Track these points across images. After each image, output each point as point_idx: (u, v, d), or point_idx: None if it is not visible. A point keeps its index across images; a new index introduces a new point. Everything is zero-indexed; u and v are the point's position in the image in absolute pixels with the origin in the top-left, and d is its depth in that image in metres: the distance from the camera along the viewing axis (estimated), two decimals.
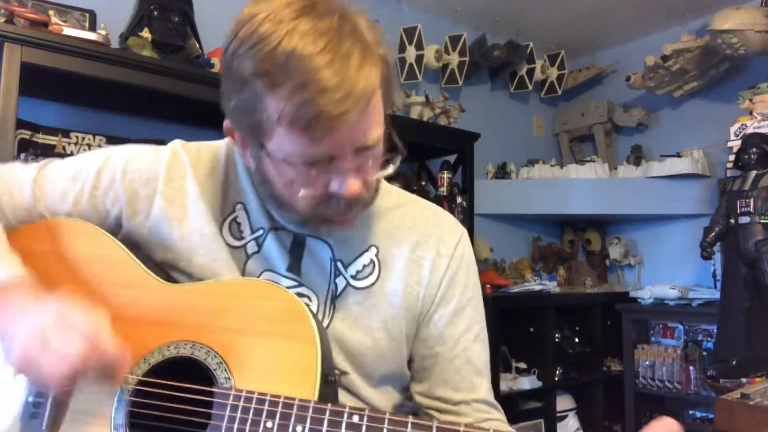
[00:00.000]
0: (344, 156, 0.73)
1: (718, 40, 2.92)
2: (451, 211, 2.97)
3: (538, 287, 3.29)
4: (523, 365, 3.20)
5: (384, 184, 0.92)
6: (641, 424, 3.09)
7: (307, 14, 0.70)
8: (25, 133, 2.04)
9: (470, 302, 0.93)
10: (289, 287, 0.84)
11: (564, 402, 3.31)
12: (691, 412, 3.29)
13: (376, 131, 0.75)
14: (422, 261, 0.90)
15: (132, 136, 2.25)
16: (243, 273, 0.86)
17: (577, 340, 3.43)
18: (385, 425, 0.64)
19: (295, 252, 0.87)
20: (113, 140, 2.21)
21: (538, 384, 3.13)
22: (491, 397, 0.93)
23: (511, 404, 3.07)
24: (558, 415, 3.23)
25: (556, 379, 3.25)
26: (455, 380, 0.90)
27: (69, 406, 0.77)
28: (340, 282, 0.87)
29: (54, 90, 2.15)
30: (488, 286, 3.13)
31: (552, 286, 3.38)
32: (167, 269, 0.87)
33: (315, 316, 0.75)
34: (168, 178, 0.88)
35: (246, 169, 0.89)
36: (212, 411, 0.71)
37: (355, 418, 0.66)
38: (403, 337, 0.89)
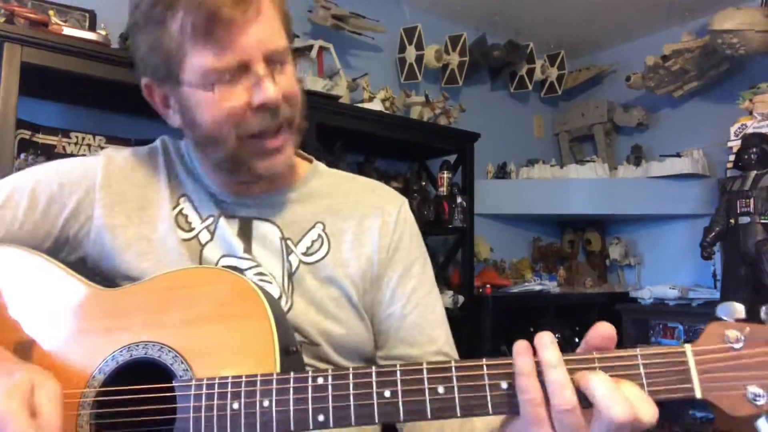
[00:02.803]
0: (255, 61, 0.77)
1: (718, 40, 2.92)
2: (451, 211, 2.97)
3: (538, 287, 3.29)
4: None
5: (321, 166, 0.98)
6: None
7: None
8: (25, 133, 2.04)
9: (417, 260, 0.95)
10: (248, 268, 0.86)
11: None
12: (691, 412, 3.29)
13: (280, 39, 0.80)
14: (370, 231, 0.92)
15: (132, 136, 2.25)
16: (200, 263, 0.86)
17: (577, 340, 3.43)
18: (350, 380, 0.64)
19: (244, 235, 0.88)
20: (113, 140, 2.21)
21: None
22: (450, 348, 0.94)
23: None
24: None
25: None
26: (412, 336, 0.91)
27: None
28: (293, 259, 0.88)
29: (54, 90, 2.15)
30: (488, 286, 3.13)
31: (552, 286, 3.39)
32: (115, 278, 0.85)
33: (264, 291, 0.74)
34: (105, 185, 0.87)
35: (182, 159, 0.92)
36: (177, 405, 0.70)
37: (320, 380, 0.65)
38: (362, 306, 0.90)
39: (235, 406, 0.67)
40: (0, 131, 1.75)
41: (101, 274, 0.86)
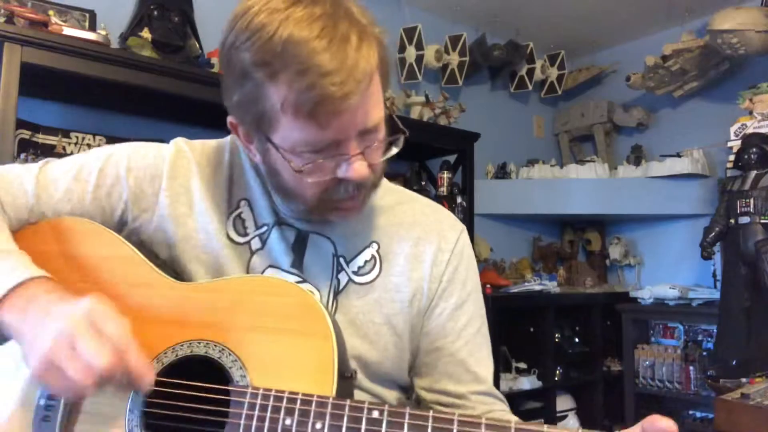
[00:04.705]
0: (349, 140, 0.73)
1: (718, 40, 2.92)
2: (451, 210, 2.96)
3: (538, 287, 3.29)
4: (523, 365, 3.20)
5: (384, 181, 0.92)
6: None
7: (300, 2, 0.71)
8: (25, 133, 2.04)
9: (470, 296, 0.93)
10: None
11: (564, 402, 3.31)
12: (691, 412, 3.29)
13: (377, 113, 0.75)
14: (424, 256, 0.91)
15: (132, 136, 2.24)
16: (247, 269, 0.86)
17: (577, 340, 3.44)
18: (406, 419, 0.63)
19: (298, 248, 0.87)
20: (113, 140, 2.21)
21: (538, 384, 3.13)
22: (494, 389, 0.93)
23: (511, 404, 3.03)
24: (558, 415, 3.23)
25: (556, 379, 3.25)
26: (458, 373, 0.90)
27: (82, 409, 0.75)
28: (343, 278, 0.87)
29: (54, 90, 2.15)
30: (488, 286, 3.13)
31: (552, 286, 3.38)
32: (176, 268, 0.86)
33: (329, 311, 0.75)
34: (172, 175, 0.87)
35: (251, 164, 0.89)
36: (229, 409, 0.70)
37: (375, 414, 0.65)
38: (406, 333, 0.89)
39: (288, 422, 0.67)
40: (0, 131, 1.75)
41: (163, 259, 0.87)
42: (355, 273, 0.88)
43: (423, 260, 0.90)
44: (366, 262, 0.88)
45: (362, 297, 0.87)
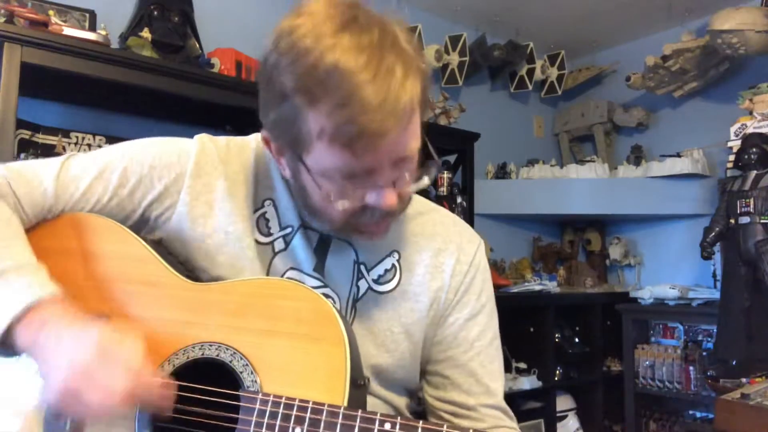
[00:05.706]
0: (383, 169, 0.73)
1: (718, 40, 2.91)
2: (451, 210, 2.96)
3: (538, 287, 3.29)
4: (523, 365, 3.19)
5: None
6: (641, 424, 3.06)
7: (349, 28, 0.69)
8: (25, 133, 2.04)
9: (484, 308, 0.94)
10: (314, 287, 0.84)
11: (564, 402, 3.31)
12: (691, 412, 3.29)
13: (414, 143, 0.75)
14: (444, 267, 0.91)
15: (132, 136, 2.22)
16: (268, 270, 0.86)
17: (577, 340, 3.43)
18: None
19: (320, 252, 0.87)
20: (113, 140, 2.21)
21: (538, 384, 3.13)
22: (504, 404, 0.93)
23: (511, 404, 3.02)
24: (558, 415, 3.23)
25: (556, 379, 3.25)
26: (469, 384, 0.90)
27: None
28: (362, 285, 0.88)
29: (54, 90, 2.15)
30: None
31: (552, 286, 3.38)
32: (190, 266, 0.86)
33: (343, 317, 0.74)
34: (196, 174, 0.87)
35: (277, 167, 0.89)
36: (239, 415, 0.70)
37: (387, 426, 0.64)
38: (421, 341, 0.90)
39: (297, 431, 0.67)
40: (0, 131, 1.75)
41: (178, 257, 0.87)
42: (375, 281, 0.88)
43: (443, 270, 0.91)
44: (386, 270, 0.89)
45: (381, 306, 0.87)
